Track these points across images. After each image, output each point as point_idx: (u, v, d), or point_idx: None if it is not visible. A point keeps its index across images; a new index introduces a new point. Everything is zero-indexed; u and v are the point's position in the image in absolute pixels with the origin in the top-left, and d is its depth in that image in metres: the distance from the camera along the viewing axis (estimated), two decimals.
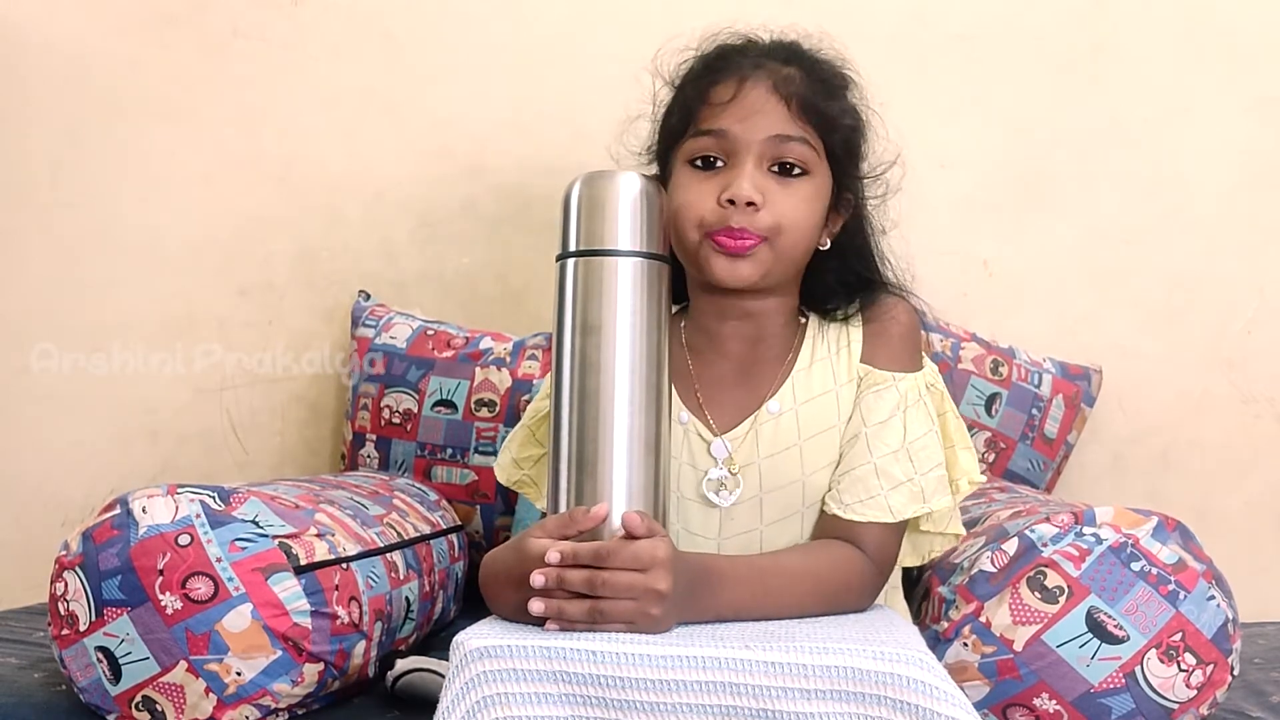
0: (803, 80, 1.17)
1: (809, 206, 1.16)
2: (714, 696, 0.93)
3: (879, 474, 1.14)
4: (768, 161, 1.14)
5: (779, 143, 1.14)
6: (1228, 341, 1.94)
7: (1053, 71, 1.95)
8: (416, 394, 1.80)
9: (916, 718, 0.91)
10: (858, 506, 1.13)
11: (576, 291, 1.06)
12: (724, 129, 1.14)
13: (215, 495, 1.21)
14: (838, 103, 1.19)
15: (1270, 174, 1.94)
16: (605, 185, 1.09)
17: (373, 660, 1.30)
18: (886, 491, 1.13)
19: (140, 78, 2.00)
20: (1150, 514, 1.22)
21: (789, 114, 1.15)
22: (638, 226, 1.07)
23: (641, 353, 1.06)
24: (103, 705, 1.18)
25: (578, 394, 1.06)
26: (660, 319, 1.08)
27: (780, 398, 1.18)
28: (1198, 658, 1.16)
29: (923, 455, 1.15)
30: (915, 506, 1.14)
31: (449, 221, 1.98)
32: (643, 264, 1.07)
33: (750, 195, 1.12)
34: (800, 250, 1.17)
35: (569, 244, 1.08)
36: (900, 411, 1.16)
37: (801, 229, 1.16)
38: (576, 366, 1.06)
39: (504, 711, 0.94)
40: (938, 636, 1.21)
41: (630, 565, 0.98)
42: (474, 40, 1.99)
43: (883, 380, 1.17)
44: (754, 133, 1.14)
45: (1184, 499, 1.80)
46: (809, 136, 1.15)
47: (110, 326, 1.99)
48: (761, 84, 1.15)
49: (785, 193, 1.14)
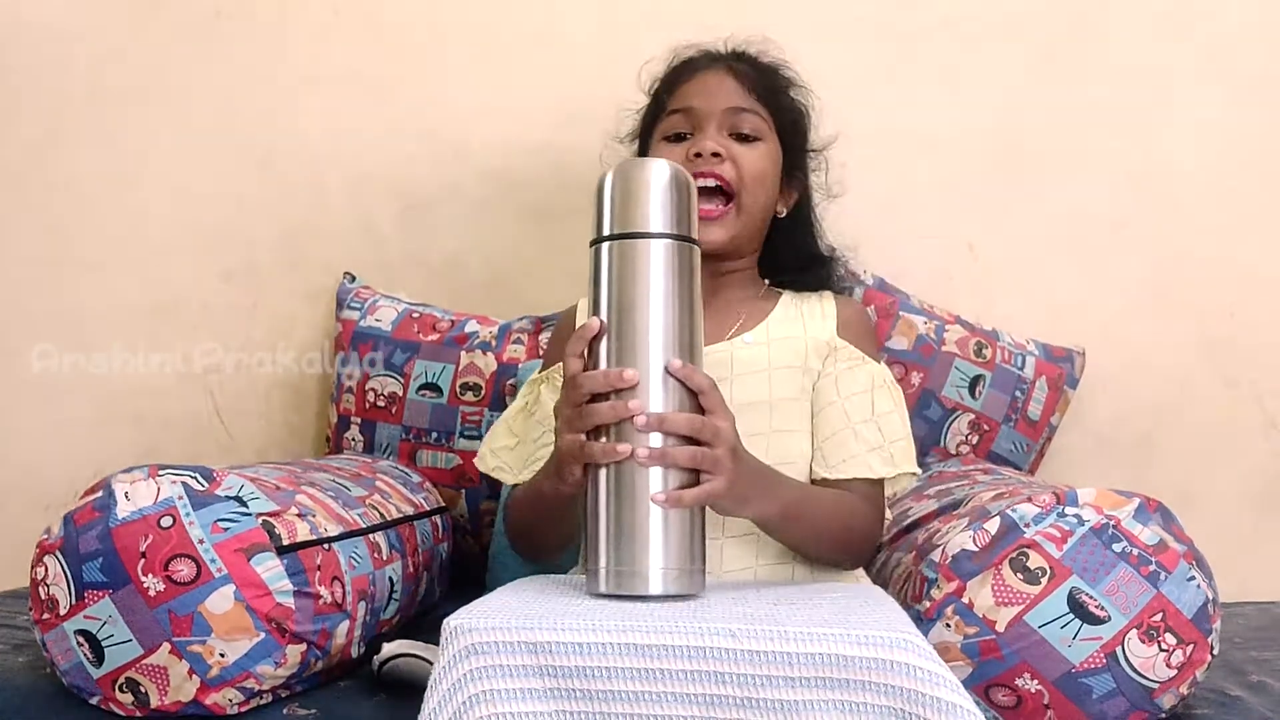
0: (751, 70, 1.41)
1: (765, 163, 1.37)
2: (699, 686, 0.94)
3: (857, 437, 1.30)
4: (727, 129, 1.36)
5: (735, 113, 1.37)
6: (1211, 324, 1.94)
7: (1036, 55, 1.95)
8: (402, 377, 1.80)
9: (904, 700, 0.91)
10: (841, 466, 1.29)
11: (612, 273, 1.10)
12: (690, 105, 1.38)
13: (198, 476, 1.21)
14: (782, 87, 1.43)
15: (1253, 156, 1.94)
16: (638, 172, 1.12)
17: (356, 641, 1.30)
18: (864, 452, 1.29)
19: (122, 59, 1.99)
20: (1132, 495, 1.22)
21: (742, 90, 1.38)
22: (669, 210, 1.11)
23: (674, 330, 1.09)
24: (85, 688, 1.18)
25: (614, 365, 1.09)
26: (692, 297, 1.11)
27: (755, 334, 1.35)
28: (1178, 638, 1.17)
29: (889, 427, 1.31)
30: (887, 469, 1.30)
31: (434, 204, 1.98)
32: (674, 245, 1.10)
33: (714, 147, 1.33)
34: (761, 204, 1.37)
35: (603, 228, 1.12)
36: (871, 389, 1.32)
37: (760, 184, 1.36)
38: (613, 345, 1.09)
39: (490, 709, 0.94)
40: (920, 616, 1.21)
41: (714, 420, 1.09)
42: (458, 22, 1.98)
43: (856, 358, 1.34)
44: (714, 105, 1.36)
45: (1167, 481, 1.81)
46: (760, 111, 1.38)
47: (93, 310, 1.98)
48: (719, 71, 1.40)
49: (744, 149, 1.35)
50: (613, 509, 1.07)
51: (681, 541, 1.06)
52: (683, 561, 1.06)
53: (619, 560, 1.06)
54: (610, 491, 1.07)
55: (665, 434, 1.08)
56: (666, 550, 1.06)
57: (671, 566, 1.06)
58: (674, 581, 1.06)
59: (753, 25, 1.48)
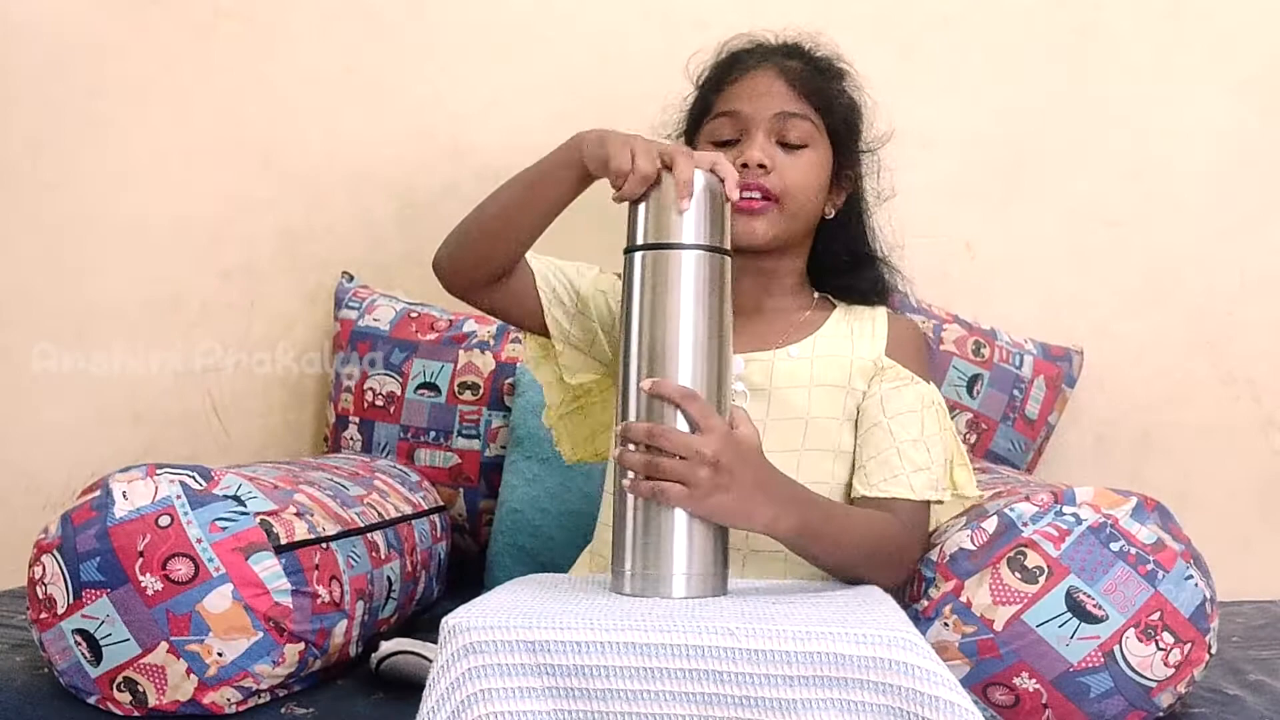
0: (803, 69, 1.34)
1: (812, 172, 1.31)
2: (697, 685, 0.94)
3: (901, 456, 1.25)
4: (775, 135, 1.30)
5: (784, 119, 1.30)
6: (1209, 323, 1.95)
7: (1036, 54, 1.95)
8: (400, 377, 1.80)
9: (902, 699, 0.91)
10: (883, 485, 1.24)
11: (644, 283, 1.09)
12: (737, 109, 1.31)
13: (196, 475, 1.21)
14: (835, 87, 1.36)
15: (1251, 155, 1.95)
16: (669, 183, 1.10)
17: (354, 640, 1.30)
18: (909, 473, 1.24)
19: (121, 58, 1.98)
20: (1129, 494, 1.22)
21: (792, 94, 1.31)
22: (701, 222, 1.09)
23: (705, 339, 1.08)
24: (83, 687, 1.18)
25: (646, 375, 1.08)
26: (723, 308, 1.09)
27: (800, 347, 1.31)
28: (1176, 636, 1.17)
29: (935, 450, 1.27)
30: (931, 492, 1.25)
31: (432, 203, 1.97)
32: (706, 257, 1.09)
33: (760, 158, 1.27)
34: (807, 211, 1.32)
35: (635, 238, 1.11)
36: (920, 409, 1.27)
37: (806, 191, 1.30)
38: (645, 354, 1.08)
39: (488, 707, 0.94)
40: (918, 615, 1.22)
41: (699, 424, 1.05)
42: (456, 21, 1.98)
43: (904, 378, 1.29)
44: (763, 110, 1.30)
45: (1164, 480, 1.81)
46: (810, 115, 1.31)
47: (92, 309, 1.98)
48: (768, 71, 1.32)
49: (790, 160, 1.30)
50: (639, 513, 1.07)
51: (705, 546, 1.06)
52: (706, 566, 1.06)
53: (644, 564, 1.06)
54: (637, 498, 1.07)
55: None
56: (690, 555, 1.06)
57: (695, 571, 1.06)
58: (697, 586, 1.06)
59: (751, 23, 1.47)
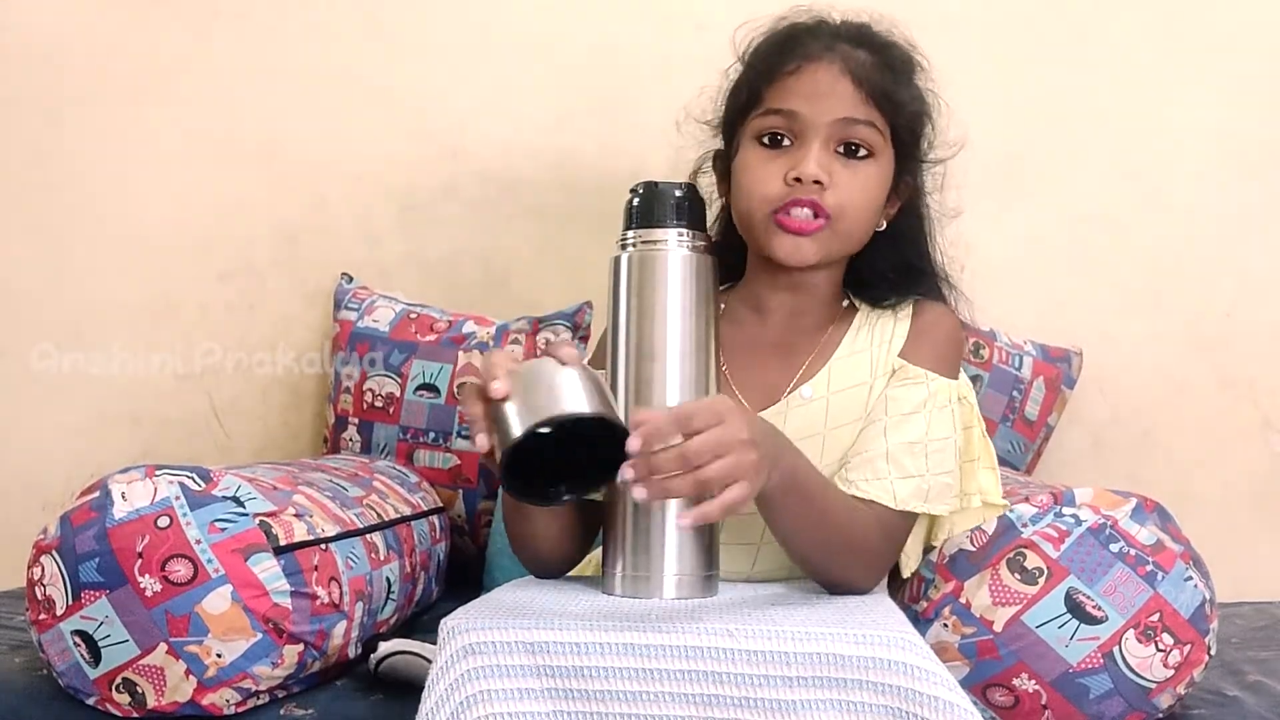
0: (872, 64, 1.18)
1: (872, 189, 1.18)
2: (697, 685, 0.94)
3: (889, 459, 1.13)
4: (834, 143, 1.16)
5: (846, 125, 1.15)
6: (1207, 324, 1.95)
7: (1033, 56, 1.95)
8: (399, 378, 1.80)
9: (901, 699, 0.91)
10: (862, 484, 1.13)
11: (631, 282, 1.10)
12: (793, 109, 1.16)
13: (195, 476, 1.21)
14: (905, 87, 1.20)
15: (1249, 157, 1.94)
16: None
17: (353, 641, 1.29)
18: (894, 478, 1.13)
19: (120, 58, 1.99)
20: (1129, 495, 1.22)
21: (858, 97, 1.16)
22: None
23: (692, 337, 1.09)
24: (82, 688, 1.18)
25: (634, 379, 1.08)
26: (708, 306, 1.10)
27: (815, 384, 1.19)
28: (1175, 637, 1.17)
29: (936, 458, 1.15)
30: (917, 503, 1.14)
31: (431, 204, 1.97)
32: (691, 256, 1.09)
33: (817, 174, 1.13)
34: (860, 232, 1.19)
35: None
36: (925, 410, 1.16)
37: (863, 211, 1.18)
38: (633, 353, 1.09)
39: (488, 708, 0.94)
40: (917, 616, 1.21)
41: (711, 422, 0.95)
42: (456, 23, 1.98)
43: (915, 376, 1.18)
44: (822, 114, 1.15)
45: (1163, 481, 1.81)
46: (875, 120, 1.17)
47: (92, 310, 1.98)
48: (832, 66, 1.16)
49: (849, 174, 1.16)
50: (629, 515, 1.07)
51: (696, 548, 1.07)
52: (696, 568, 1.07)
53: (634, 565, 1.06)
54: (628, 498, 1.07)
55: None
56: (681, 557, 1.06)
57: (686, 573, 1.06)
58: (688, 587, 1.06)
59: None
